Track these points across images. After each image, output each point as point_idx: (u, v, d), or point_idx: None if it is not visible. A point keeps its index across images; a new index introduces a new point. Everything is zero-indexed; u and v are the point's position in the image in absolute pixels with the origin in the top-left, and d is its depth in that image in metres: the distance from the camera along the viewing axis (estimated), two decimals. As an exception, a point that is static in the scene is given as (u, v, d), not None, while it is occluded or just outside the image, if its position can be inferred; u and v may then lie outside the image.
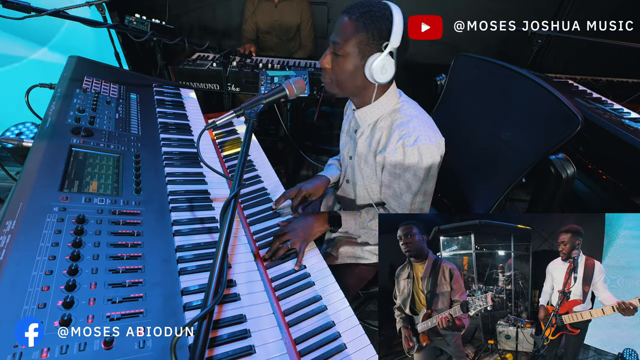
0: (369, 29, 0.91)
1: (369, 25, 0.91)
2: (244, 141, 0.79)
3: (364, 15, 0.91)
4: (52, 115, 1.07)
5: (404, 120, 0.99)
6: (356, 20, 0.92)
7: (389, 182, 1.05)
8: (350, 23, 0.93)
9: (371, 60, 0.93)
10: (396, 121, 1.01)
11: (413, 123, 0.98)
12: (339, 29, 0.96)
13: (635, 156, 1.42)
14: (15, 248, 0.67)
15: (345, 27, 0.94)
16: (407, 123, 0.98)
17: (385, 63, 0.93)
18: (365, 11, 0.92)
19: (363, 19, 0.91)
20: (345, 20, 0.94)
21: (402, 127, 0.99)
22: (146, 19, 1.55)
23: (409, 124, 0.98)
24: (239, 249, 0.94)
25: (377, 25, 0.91)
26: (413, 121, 0.98)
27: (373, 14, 0.91)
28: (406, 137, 0.97)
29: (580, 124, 0.90)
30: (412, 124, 0.98)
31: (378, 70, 0.93)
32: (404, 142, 0.97)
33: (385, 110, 1.05)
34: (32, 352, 0.55)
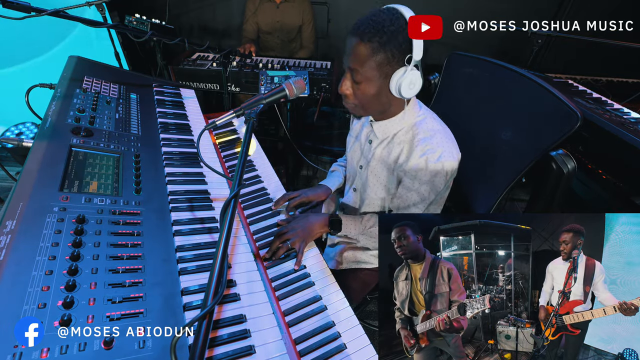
0: (387, 47, 0.84)
1: (386, 43, 0.84)
2: (244, 141, 0.79)
3: (378, 34, 0.84)
4: (52, 115, 1.07)
5: (427, 136, 0.96)
6: (369, 42, 0.85)
7: (404, 193, 1.02)
8: (364, 46, 0.86)
9: (396, 77, 0.88)
10: (418, 135, 0.98)
11: (437, 139, 0.95)
12: (352, 53, 0.89)
13: (635, 156, 1.42)
14: (15, 248, 0.67)
15: (360, 52, 0.87)
16: (431, 139, 0.95)
17: (412, 77, 0.87)
18: (377, 29, 0.84)
19: (378, 38, 0.84)
20: (357, 43, 0.86)
21: (425, 143, 0.95)
22: (146, 19, 1.55)
23: (432, 139, 0.95)
24: (239, 249, 0.94)
25: (394, 40, 0.84)
26: (436, 136, 0.96)
27: (386, 29, 0.83)
28: (430, 152, 0.94)
29: (580, 120, 0.90)
30: (435, 140, 0.95)
31: (406, 87, 0.88)
32: (427, 158, 0.94)
33: (406, 123, 1.01)
34: (32, 352, 0.55)
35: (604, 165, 1.70)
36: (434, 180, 0.96)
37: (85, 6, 1.60)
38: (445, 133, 0.98)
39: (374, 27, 0.84)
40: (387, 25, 0.84)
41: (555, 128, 0.96)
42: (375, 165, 1.09)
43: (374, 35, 0.84)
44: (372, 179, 1.11)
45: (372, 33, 0.84)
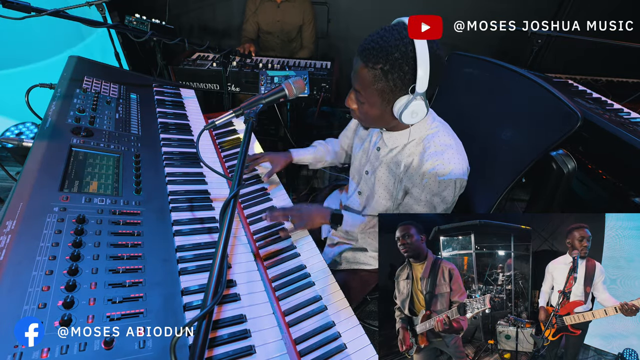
0: (390, 77, 0.82)
1: (389, 72, 0.81)
2: (243, 141, 0.79)
3: (382, 61, 0.81)
4: (52, 115, 1.07)
5: (439, 150, 0.94)
6: (374, 69, 0.82)
7: (411, 204, 1.01)
8: (367, 72, 0.83)
9: (398, 105, 0.86)
10: (429, 149, 0.95)
11: (448, 155, 0.93)
12: (356, 74, 0.87)
13: (635, 156, 1.42)
14: (16, 248, 0.67)
15: (363, 76, 0.85)
16: (442, 154, 0.93)
17: (415, 108, 0.85)
18: (382, 55, 0.80)
19: (382, 66, 0.81)
20: (361, 67, 0.84)
21: (436, 158, 0.93)
22: (146, 19, 1.54)
23: (443, 155, 0.93)
24: (239, 249, 0.94)
25: (398, 71, 0.81)
26: (448, 152, 0.93)
27: (391, 56, 0.80)
28: (440, 168, 0.92)
29: (580, 121, 0.90)
30: (446, 156, 0.93)
31: (408, 115, 0.86)
32: (437, 173, 0.93)
33: (417, 135, 0.99)
34: (32, 352, 0.55)
35: (604, 165, 1.70)
36: (442, 194, 0.95)
37: (85, 6, 1.60)
38: (457, 148, 0.96)
39: (379, 52, 0.81)
40: (392, 51, 0.80)
41: (555, 128, 0.96)
42: (383, 173, 1.08)
43: (377, 62, 0.81)
44: (379, 186, 1.10)
45: (377, 59, 0.81)
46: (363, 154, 1.18)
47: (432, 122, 1.00)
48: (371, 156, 1.13)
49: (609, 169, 1.68)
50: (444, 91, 1.45)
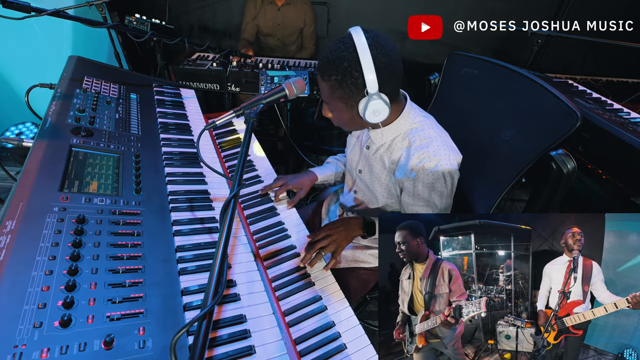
0: (344, 84, 0.89)
1: (341, 80, 0.88)
2: (243, 141, 0.79)
3: (334, 72, 0.88)
4: (52, 115, 1.07)
5: (423, 143, 0.96)
6: (328, 80, 0.90)
7: (407, 200, 1.03)
8: (325, 84, 0.92)
9: (360, 107, 0.91)
10: (414, 142, 0.98)
11: (433, 147, 0.95)
12: (319, 88, 0.96)
13: (635, 156, 1.42)
14: (15, 248, 0.67)
15: (323, 89, 0.94)
16: (427, 147, 0.95)
17: (375, 106, 0.89)
18: (333, 66, 0.88)
19: (335, 76, 0.88)
20: (320, 80, 0.93)
21: (421, 151, 0.95)
22: (146, 19, 1.55)
23: (428, 147, 0.95)
24: (239, 249, 0.94)
25: (348, 76, 0.87)
26: (433, 144, 0.95)
27: (340, 66, 0.87)
28: (426, 161, 0.94)
29: (580, 120, 0.90)
30: (432, 148, 0.95)
31: (370, 115, 0.91)
32: (424, 166, 0.94)
33: (401, 130, 1.02)
34: (32, 352, 0.55)
35: (604, 165, 1.70)
36: (434, 186, 0.96)
37: (85, 6, 1.60)
38: (442, 140, 0.97)
39: (331, 65, 0.88)
40: (340, 60, 0.87)
41: (555, 128, 0.96)
42: (377, 170, 1.10)
43: (330, 74, 0.89)
44: (377, 184, 1.11)
45: (330, 71, 0.89)
46: (356, 153, 1.20)
47: (416, 116, 1.02)
48: (363, 155, 1.15)
49: (609, 169, 1.68)
50: (444, 91, 1.45)
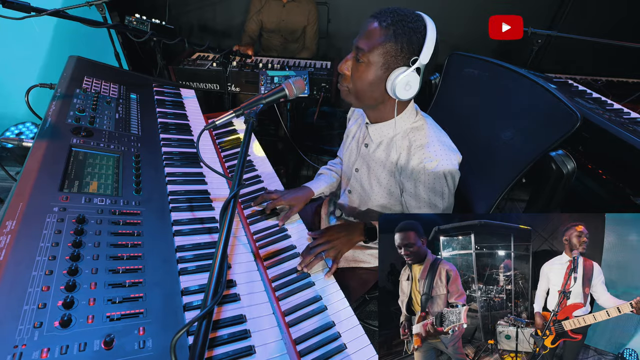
0: (399, 39, 0.85)
1: (400, 35, 0.84)
2: (243, 141, 0.79)
3: (396, 24, 0.84)
4: (52, 115, 1.07)
5: (425, 143, 0.96)
6: (386, 28, 0.85)
7: (409, 200, 1.02)
8: (380, 30, 0.86)
9: (395, 74, 0.87)
10: (415, 142, 0.97)
11: (434, 147, 0.94)
12: (365, 34, 0.88)
13: (635, 156, 1.42)
14: (15, 248, 0.67)
15: (373, 34, 0.87)
16: (428, 147, 0.95)
17: (411, 79, 0.87)
18: (397, 19, 0.85)
19: (394, 28, 0.84)
20: (374, 25, 0.87)
21: (423, 151, 0.95)
22: (146, 19, 1.55)
23: (429, 148, 0.94)
24: (239, 249, 0.94)
25: (408, 36, 0.84)
26: (434, 145, 0.95)
27: (406, 24, 0.84)
28: (427, 161, 0.94)
29: (580, 121, 0.90)
30: (432, 148, 0.94)
31: (401, 87, 0.87)
32: (425, 167, 0.94)
33: (401, 128, 1.00)
34: (32, 352, 0.55)
35: (604, 165, 1.70)
36: (435, 187, 0.96)
37: (85, 6, 1.60)
38: (442, 141, 0.97)
39: (396, 17, 0.85)
40: (407, 20, 0.85)
41: (555, 128, 0.96)
42: (375, 169, 1.09)
43: (392, 23, 0.85)
44: (374, 183, 1.10)
45: (392, 21, 0.85)
46: (353, 152, 1.18)
47: (417, 116, 1.02)
48: (360, 154, 1.14)
49: (609, 169, 1.68)
50: (444, 91, 1.45)
